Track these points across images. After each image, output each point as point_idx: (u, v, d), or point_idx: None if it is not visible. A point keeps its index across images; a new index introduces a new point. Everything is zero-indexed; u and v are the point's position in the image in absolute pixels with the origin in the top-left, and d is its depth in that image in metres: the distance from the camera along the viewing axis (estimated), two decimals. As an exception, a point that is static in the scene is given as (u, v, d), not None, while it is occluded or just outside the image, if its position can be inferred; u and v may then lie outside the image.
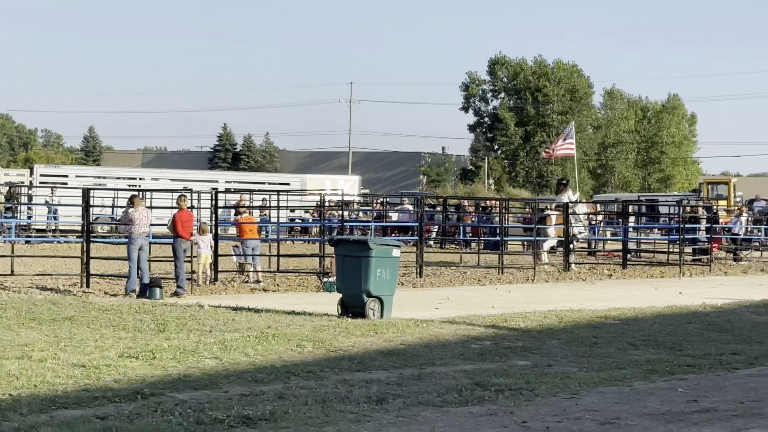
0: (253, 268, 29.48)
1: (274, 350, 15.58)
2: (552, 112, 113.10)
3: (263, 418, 10.75)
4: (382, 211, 49.25)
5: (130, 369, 13.62)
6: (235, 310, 21.14)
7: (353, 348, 16.10)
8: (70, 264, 30.54)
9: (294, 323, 18.93)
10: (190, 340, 16.39)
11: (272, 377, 13.25)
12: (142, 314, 20.14)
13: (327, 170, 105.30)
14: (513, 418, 11.17)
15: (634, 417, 11.36)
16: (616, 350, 16.49)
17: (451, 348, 16.29)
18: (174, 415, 10.75)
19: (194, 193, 30.51)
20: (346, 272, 20.57)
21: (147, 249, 25.57)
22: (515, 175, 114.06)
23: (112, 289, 26.01)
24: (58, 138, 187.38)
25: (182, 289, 25.11)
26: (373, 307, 20.18)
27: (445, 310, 22.06)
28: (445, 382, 13.07)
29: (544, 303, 23.82)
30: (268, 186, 59.12)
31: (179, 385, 12.55)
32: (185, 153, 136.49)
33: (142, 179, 59.32)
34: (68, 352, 14.97)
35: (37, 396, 11.68)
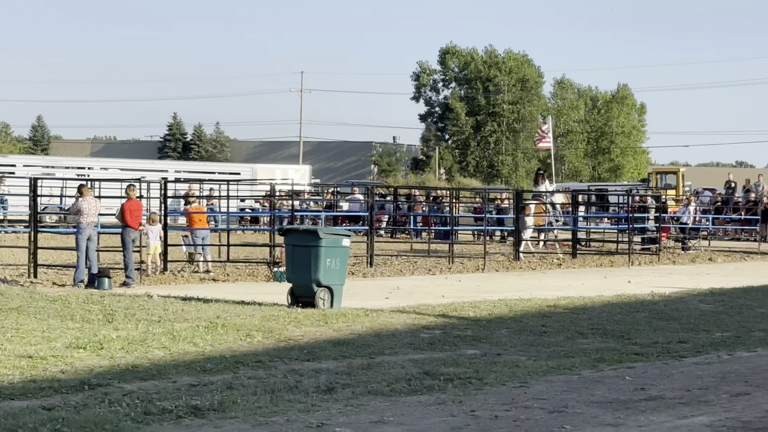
0: (202, 258, 29.38)
1: (223, 340, 15.52)
2: (502, 101, 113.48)
3: (212, 408, 10.71)
4: (332, 200, 49.22)
5: (77, 359, 13.53)
6: (184, 300, 21.05)
7: (303, 338, 16.08)
8: (17, 254, 30.31)
9: (244, 313, 18.87)
10: (138, 331, 16.30)
11: (221, 367, 13.20)
12: (90, 305, 20.00)
13: (278, 160, 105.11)
14: (462, 407, 11.19)
15: (582, 405, 11.41)
16: (564, 339, 16.56)
17: (400, 337, 16.30)
18: (122, 406, 10.69)
19: (143, 182, 30.33)
20: (296, 262, 20.52)
21: (95, 239, 25.40)
22: (466, 164, 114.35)
23: (60, 280, 25.83)
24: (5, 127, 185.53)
25: (131, 279, 24.99)
26: (323, 297, 20.16)
27: (395, 300, 22.07)
28: (394, 372, 13.07)
29: (494, 292, 23.89)
30: (218, 176, 58.98)
31: (127, 376, 12.47)
32: (135, 142, 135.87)
33: (91, 169, 58.93)
34: (15, 342, 14.84)
35: (-17, 387, 11.58)
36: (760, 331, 17.86)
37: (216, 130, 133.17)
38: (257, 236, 43.00)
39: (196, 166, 72.33)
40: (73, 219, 25.11)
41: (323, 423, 10.28)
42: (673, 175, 63.72)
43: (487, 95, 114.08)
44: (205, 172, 63.75)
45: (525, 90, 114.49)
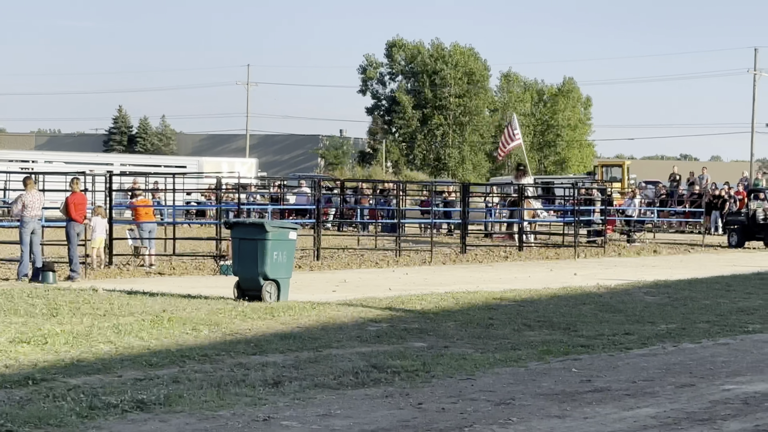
0: (148, 251, 29.21)
1: (169, 334, 15.44)
2: (449, 95, 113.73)
3: (157, 402, 10.65)
4: (279, 193, 49.10)
5: (21, 354, 13.41)
6: (129, 294, 20.92)
7: (249, 331, 16.02)
8: (-40, 248, 30.02)
9: (190, 307, 18.78)
10: (83, 325, 16.18)
11: (167, 361, 13.13)
12: (34, 299, 19.83)
13: (224, 153, 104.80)
14: (409, 399, 11.19)
15: (528, 397, 11.46)
16: (511, 331, 16.61)
17: (347, 330, 16.28)
18: (66, 401, 10.60)
19: (88, 176, 30.12)
20: (242, 255, 20.46)
21: (40, 232, 25.20)
22: (413, 157, 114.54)
23: (4, 274, 25.61)
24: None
25: (76, 273, 24.81)
26: (269, 290, 20.11)
27: (342, 293, 22.05)
28: (341, 365, 13.05)
29: (441, 285, 23.93)
30: (164, 169, 58.65)
31: (72, 370, 12.37)
32: (80, 135, 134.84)
33: (35, 162, 58.51)
34: (-42, 337, 14.69)
35: (-75, 382, 11.45)
36: (704, 323, 18.01)
37: (161, 123, 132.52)
38: (203, 230, 42.88)
39: (141, 159, 71.87)
40: (17, 213, 24.85)
41: (270, 416, 10.25)
42: (618, 168, 64.10)
43: (433, 88, 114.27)
44: (151, 165, 63.32)
45: (471, 83, 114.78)
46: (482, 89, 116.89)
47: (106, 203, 29.09)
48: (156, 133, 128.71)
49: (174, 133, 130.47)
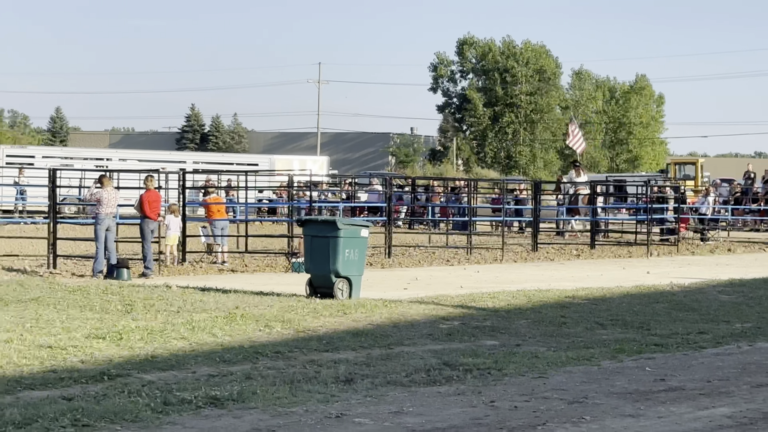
0: (221, 249, 29.39)
1: (242, 331, 15.53)
2: (520, 92, 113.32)
3: (231, 398, 10.72)
4: (350, 191, 49.20)
5: (96, 350, 13.55)
6: (203, 290, 21.07)
7: (321, 328, 16.07)
8: (36, 245, 30.37)
9: (262, 304, 18.88)
10: (157, 321, 16.32)
11: (240, 358, 13.20)
12: (109, 295, 20.04)
13: (295, 151, 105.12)
14: (481, 397, 11.17)
15: (601, 396, 11.39)
16: (584, 330, 16.52)
17: (419, 328, 16.28)
18: (141, 396, 10.70)
19: (162, 173, 30.36)
20: (314, 253, 20.51)
21: (114, 229, 25.44)
22: (483, 155, 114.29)
23: (79, 270, 25.88)
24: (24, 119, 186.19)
25: (150, 269, 25.02)
26: (341, 288, 20.14)
27: (413, 291, 22.05)
28: (413, 362, 13.05)
29: (513, 283, 23.85)
30: (236, 167, 58.97)
31: (146, 366, 12.49)
32: (153, 134, 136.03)
33: (110, 160, 59.04)
34: (35, 333, 14.88)
35: (3, 377, 11.60)
36: (780, 322, 17.79)
37: (234, 121, 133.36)
38: (275, 227, 43.05)
39: (214, 157, 72.37)
40: (93, 210, 25.10)
41: (342, 413, 10.28)
42: (691, 166, 63.55)
43: (504, 86, 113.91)
44: (223, 163, 63.75)
45: (543, 81, 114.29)
46: (553, 87, 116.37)
47: (180, 201, 29.31)
48: (228, 131, 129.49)
49: (246, 131, 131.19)
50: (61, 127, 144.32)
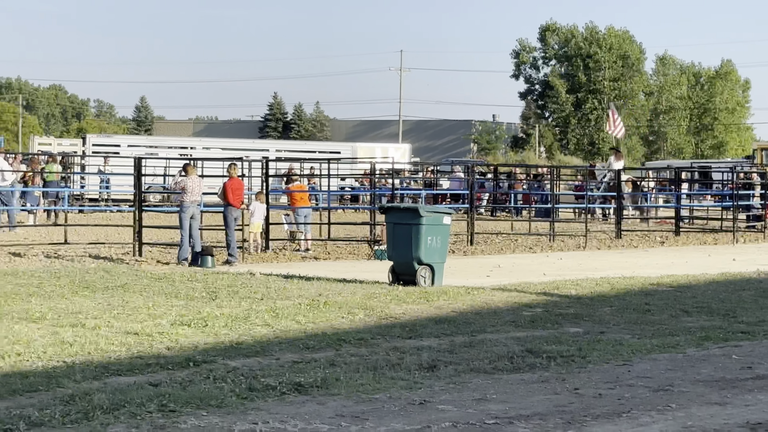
0: (303, 236, 29.53)
1: (325, 318, 15.60)
2: (603, 78, 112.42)
3: (315, 385, 10.77)
4: (432, 179, 49.18)
5: (182, 336, 13.69)
6: (286, 278, 21.19)
7: (404, 315, 16.10)
8: (122, 233, 30.73)
9: (345, 291, 18.95)
10: (241, 308, 16.45)
11: (323, 344, 13.26)
12: (194, 282, 20.24)
13: (377, 139, 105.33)
14: (565, 384, 11.12)
15: (687, 384, 11.28)
16: (668, 317, 16.37)
17: (502, 315, 16.25)
18: (226, 382, 10.79)
19: (245, 162, 30.56)
20: (396, 240, 20.54)
21: (199, 217, 25.66)
22: (566, 142, 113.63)
23: (164, 258, 26.15)
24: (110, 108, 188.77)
25: (234, 257, 25.20)
26: (424, 275, 20.15)
27: (496, 278, 22.00)
28: (496, 350, 13.03)
29: (596, 270, 23.70)
30: (319, 155, 59.21)
31: (231, 352, 12.59)
32: (236, 122, 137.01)
33: (194, 148, 59.49)
34: (121, 319, 15.07)
35: (91, 363, 11.76)
36: None
37: (316, 109, 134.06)
38: (358, 215, 43.17)
39: (296, 146, 72.64)
40: (177, 198, 25.32)
41: (426, 400, 10.29)
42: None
43: (587, 72, 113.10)
44: (306, 151, 63.99)
45: (626, 67, 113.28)
46: (637, 72, 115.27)
47: (263, 189, 29.48)
48: (310, 119, 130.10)
49: (328, 119, 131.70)
50: (145, 116, 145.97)
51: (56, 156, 44.68)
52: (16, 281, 19.73)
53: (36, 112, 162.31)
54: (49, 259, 24.93)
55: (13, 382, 10.64)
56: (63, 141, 69.12)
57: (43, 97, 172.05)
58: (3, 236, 29.78)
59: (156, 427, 9.08)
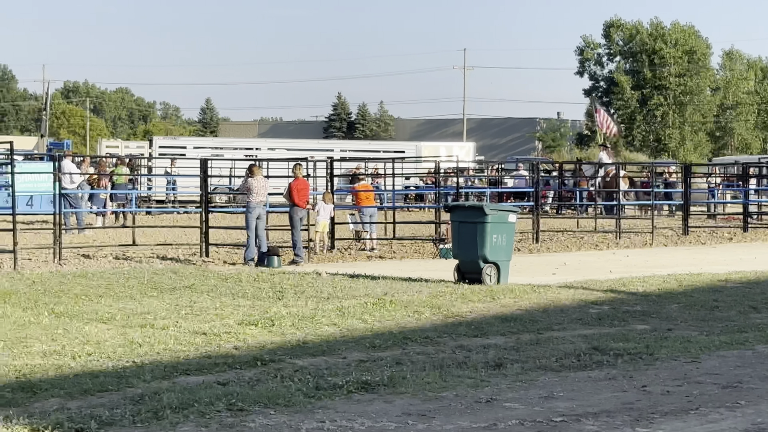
0: (369, 236, 29.59)
1: (391, 317, 15.65)
2: (669, 74, 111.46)
3: (381, 383, 10.80)
4: (497, 177, 49.09)
5: (249, 336, 13.79)
6: (352, 277, 21.26)
7: (470, 314, 16.11)
8: (189, 234, 30.96)
9: (411, 290, 18.98)
10: (307, 307, 16.53)
11: (390, 343, 13.30)
12: (260, 282, 20.36)
13: (442, 137, 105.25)
14: (632, 382, 11.08)
15: (756, 380, 11.20)
16: (737, 314, 16.24)
17: (568, 313, 16.21)
18: (293, 381, 10.86)
19: (310, 162, 30.68)
20: (462, 238, 20.55)
21: (264, 218, 25.78)
22: (632, 139, 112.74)
23: (231, 258, 26.30)
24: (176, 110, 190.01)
25: (299, 257, 25.30)
26: (489, 273, 20.13)
27: (562, 276, 21.93)
28: (563, 347, 13.00)
29: (663, 267, 23.55)
30: (383, 154, 59.27)
31: (298, 352, 12.67)
32: (301, 123, 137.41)
33: (259, 149, 59.78)
34: (189, 320, 15.21)
35: (160, 363, 11.89)
36: None
37: (380, 109, 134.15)
38: (422, 214, 43.20)
39: (361, 145, 72.73)
40: (243, 198, 25.45)
41: (492, 398, 10.29)
42: None
43: (652, 68, 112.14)
44: (370, 151, 64.08)
45: (692, 62, 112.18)
46: (703, 68, 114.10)
47: (328, 189, 29.58)
48: (374, 119, 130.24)
49: (392, 118, 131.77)
50: (211, 117, 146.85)
51: (124, 158, 45.08)
52: (86, 282, 19.97)
53: (103, 115, 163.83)
54: (118, 261, 25.18)
55: (84, 381, 10.78)
56: (130, 143, 69.86)
57: (110, 100, 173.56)
58: (72, 238, 30.12)
59: (225, 426, 9.17)
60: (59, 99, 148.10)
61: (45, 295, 17.88)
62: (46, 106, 70.52)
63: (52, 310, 16.07)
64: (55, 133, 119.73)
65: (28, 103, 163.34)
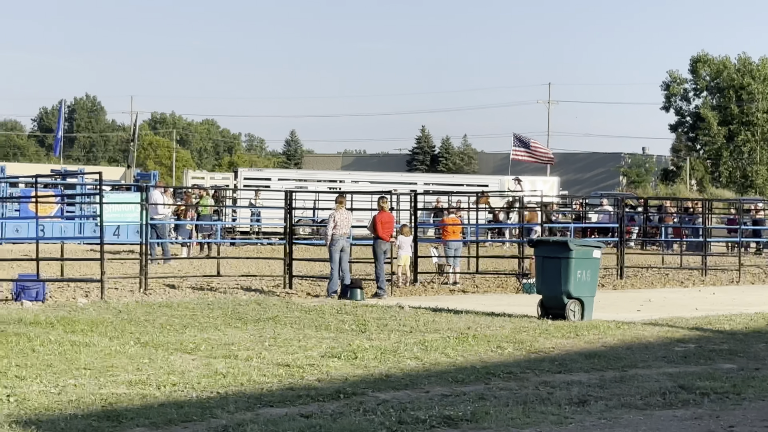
0: (452, 269, 29.54)
1: (474, 351, 15.60)
2: (757, 110, 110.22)
3: (464, 418, 10.76)
4: (581, 212, 48.81)
5: (332, 368, 13.81)
6: (434, 311, 21.23)
7: (554, 350, 16.00)
8: (273, 265, 31.14)
9: (493, 324, 18.92)
10: (390, 341, 16.53)
11: (473, 378, 13.26)
12: (343, 315, 20.41)
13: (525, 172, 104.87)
14: (719, 422, 10.93)
15: None
16: (826, 354, 15.98)
17: (653, 350, 16.04)
18: (376, 414, 10.86)
19: (394, 195, 30.73)
20: (545, 273, 20.45)
21: (348, 250, 25.84)
22: (718, 175, 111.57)
23: (314, 290, 26.40)
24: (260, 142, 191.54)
25: (382, 290, 25.31)
26: (573, 309, 20.01)
27: (646, 312, 21.73)
28: (648, 385, 12.87)
29: (750, 305, 23.25)
30: (467, 188, 59.21)
31: (381, 385, 12.66)
32: (384, 156, 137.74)
33: (342, 182, 60.02)
34: (273, 351, 15.27)
35: (244, 394, 11.95)
36: None
37: (463, 142, 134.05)
38: (505, 248, 43.03)
39: (444, 179, 72.71)
40: (330, 232, 25.44)
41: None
42: None
43: (740, 104, 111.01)
44: (454, 185, 64.01)
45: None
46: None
47: (411, 222, 29.61)
48: (458, 152, 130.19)
49: (475, 152, 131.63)
50: (295, 150, 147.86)
51: (209, 190, 45.50)
52: (170, 313, 20.15)
53: (189, 147, 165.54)
54: (203, 291, 25.38)
55: (168, 411, 10.87)
56: (215, 175, 70.39)
57: (196, 131, 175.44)
58: (158, 268, 30.43)
59: (308, 458, 9.18)
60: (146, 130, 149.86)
61: (131, 325, 18.07)
62: (133, 137, 71.38)
63: (137, 339, 16.24)
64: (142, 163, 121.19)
65: (116, 134, 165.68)
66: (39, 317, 18.67)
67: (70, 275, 27.53)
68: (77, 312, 19.96)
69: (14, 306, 21.25)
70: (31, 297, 22.20)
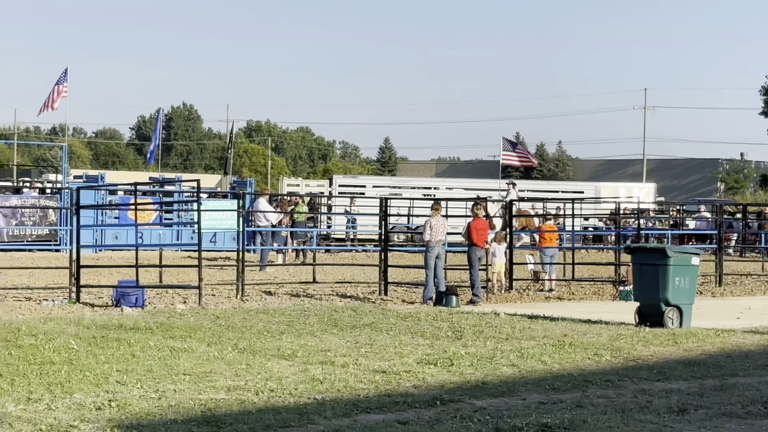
0: (548, 276, 29.40)
1: (570, 359, 15.50)
2: None
3: (562, 426, 10.70)
4: (678, 218, 48.32)
5: (428, 375, 13.82)
6: (530, 318, 21.14)
7: (652, 357, 15.85)
8: (368, 272, 31.23)
9: (590, 332, 18.79)
10: (486, 348, 16.50)
11: (569, 386, 13.18)
12: (439, 321, 20.39)
13: (620, 178, 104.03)
14: (823, 432, 10.75)
15: None
16: None
17: (754, 359, 15.82)
18: (473, 422, 10.84)
19: (488, 202, 30.67)
20: (643, 280, 20.27)
21: (443, 257, 25.83)
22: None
23: (409, 297, 26.42)
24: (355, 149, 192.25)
25: (478, 297, 25.26)
26: (671, 316, 19.81)
27: (746, 320, 21.44)
28: (749, 394, 12.69)
29: None
30: (562, 194, 58.88)
31: (477, 392, 12.64)
32: (478, 162, 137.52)
33: (437, 189, 59.99)
34: (369, 358, 15.31)
35: (341, 400, 11.99)
36: None
37: (558, 149, 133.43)
38: (602, 255, 42.73)
39: (539, 185, 72.35)
40: (427, 238, 25.45)
41: (676, 444, 10.10)
42: None
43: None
44: (549, 191, 63.71)
45: None
46: None
47: (506, 228, 29.52)
48: (553, 159, 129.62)
49: (570, 159, 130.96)
50: (389, 157, 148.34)
51: (304, 197, 45.80)
52: (267, 319, 20.29)
53: (284, 154, 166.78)
54: (299, 298, 25.53)
55: (266, 417, 10.95)
56: (310, 182, 70.74)
57: (290, 139, 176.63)
58: (255, 275, 30.68)
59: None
60: (242, 138, 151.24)
61: (228, 331, 18.23)
62: (229, 144, 71.96)
63: (235, 345, 16.38)
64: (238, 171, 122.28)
65: (212, 141, 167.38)
66: (139, 323, 18.91)
67: (168, 282, 27.87)
68: (176, 318, 20.19)
69: (115, 312, 21.56)
70: (131, 303, 22.52)
